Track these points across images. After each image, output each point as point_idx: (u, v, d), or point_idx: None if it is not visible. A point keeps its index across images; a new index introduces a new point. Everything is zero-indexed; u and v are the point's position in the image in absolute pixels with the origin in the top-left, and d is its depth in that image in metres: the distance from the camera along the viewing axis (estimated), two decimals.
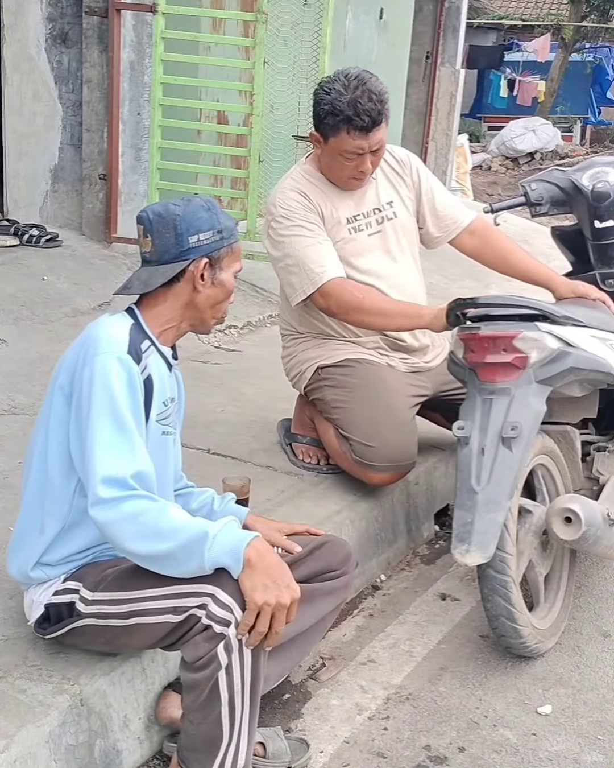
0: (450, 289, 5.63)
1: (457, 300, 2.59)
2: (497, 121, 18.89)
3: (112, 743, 1.98)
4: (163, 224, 1.92)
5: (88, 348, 1.87)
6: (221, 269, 1.98)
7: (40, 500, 1.96)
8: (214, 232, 1.94)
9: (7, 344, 3.99)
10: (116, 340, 1.87)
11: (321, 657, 2.55)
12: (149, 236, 1.94)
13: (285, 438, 3.25)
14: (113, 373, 1.82)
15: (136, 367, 1.87)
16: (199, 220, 1.93)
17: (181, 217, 1.92)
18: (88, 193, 5.46)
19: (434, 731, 2.29)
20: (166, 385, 2.00)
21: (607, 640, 2.70)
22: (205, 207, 1.96)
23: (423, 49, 8.58)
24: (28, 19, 5.36)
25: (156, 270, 1.94)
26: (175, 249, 1.93)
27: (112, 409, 1.81)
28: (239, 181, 5.58)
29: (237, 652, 1.77)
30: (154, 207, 1.96)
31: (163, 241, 1.93)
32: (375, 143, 2.76)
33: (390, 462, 2.84)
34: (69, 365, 1.91)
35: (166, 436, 2.03)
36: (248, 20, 5.27)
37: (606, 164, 3.10)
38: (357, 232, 2.94)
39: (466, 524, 2.36)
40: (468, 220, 3.08)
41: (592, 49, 21.95)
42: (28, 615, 2.01)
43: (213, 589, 1.77)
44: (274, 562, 1.79)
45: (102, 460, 1.77)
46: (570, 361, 2.47)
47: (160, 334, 1.99)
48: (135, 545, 1.76)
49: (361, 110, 2.68)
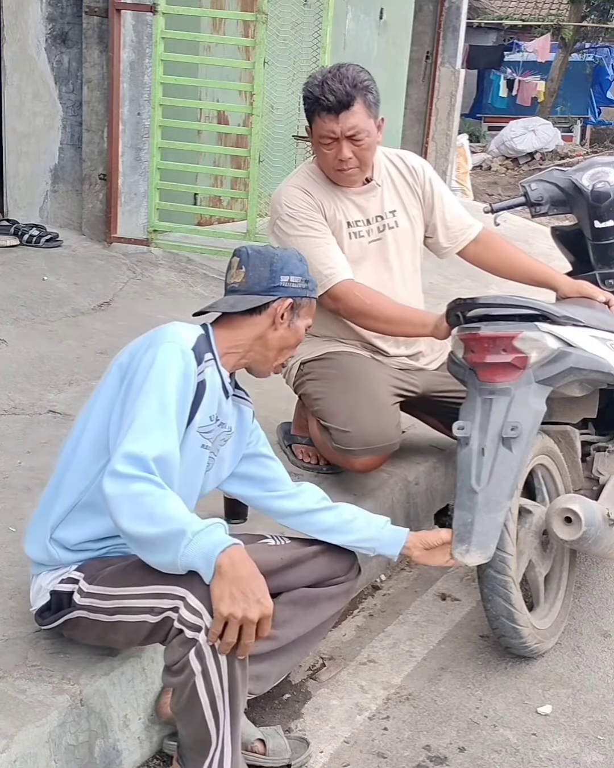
0: (450, 289, 5.63)
1: (457, 300, 2.58)
2: (497, 121, 18.92)
3: (112, 743, 1.98)
4: (260, 259, 2.04)
5: (155, 336, 1.93)
6: (299, 316, 2.08)
7: (64, 472, 1.97)
8: (303, 279, 2.07)
9: (7, 344, 3.99)
10: (185, 336, 1.94)
11: (321, 657, 2.56)
12: (244, 268, 2.04)
13: (284, 440, 3.25)
14: (173, 360, 1.87)
15: (195, 365, 1.92)
16: (292, 265, 2.06)
17: (278, 256, 2.05)
18: (88, 193, 5.46)
19: (434, 731, 2.29)
20: (216, 401, 2.01)
21: (607, 640, 2.70)
22: (299, 257, 2.10)
23: (423, 49, 8.58)
24: (28, 19, 5.36)
25: (244, 297, 2.03)
26: (267, 283, 2.03)
27: (160, 391, 1.83)
28: (239, 181, 5.59)
29: (211, 657, 1.74)
30: (252, 246, 2.09)
31: (257, 274, 2.04)
32: (348, 128, 2.72)
33: (367, 445, 2.82)
34: (133, 348, 1.96)
35: (204, 449, 2.02)
36: (248, 20, 5.28)
37: (606, 164, 3.10)
38: (357, 237, 2.94)
39: (466, 524, 2.35)
40: (476, 231, 3.09)
41: (592, 49, 21.98)
42: (32, 602, 2.01)
43: (184, 592, 1.76)
44: (247, 573, 1.71)
45: (133, 434, 1.79)
46: (570, 361, 2.47)
47: (223, 354, 2.03)
48: (127, 523, 1.75)
49: (328, 89, 2.69)
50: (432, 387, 3.04)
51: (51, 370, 3.78)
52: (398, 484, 3.12)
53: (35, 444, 3.09)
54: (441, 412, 3.06)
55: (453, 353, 2.62)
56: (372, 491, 3.01)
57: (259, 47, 5.00)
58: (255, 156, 5.16)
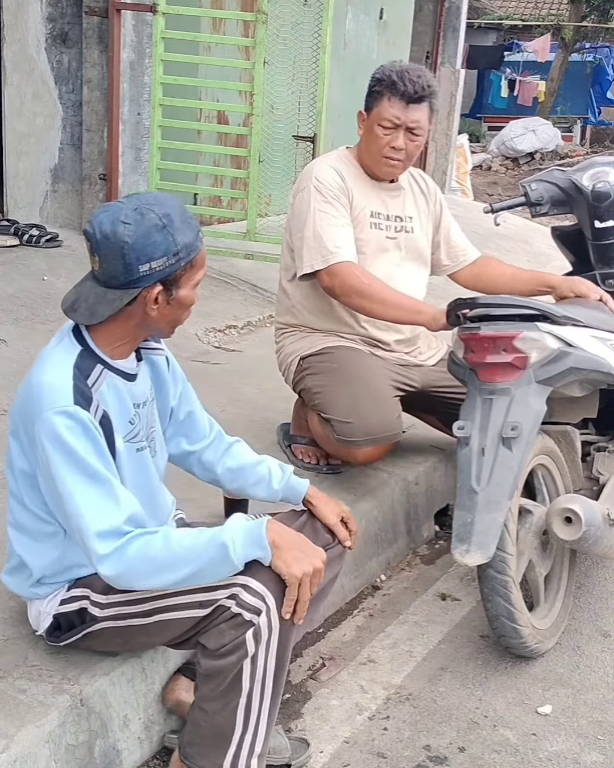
0: (450, 289, 5.62)
1: (457, 300, 2.58)
2: (497, 121, 18.92)
3: (112, 743, 1.98)
4: (110, 249, 1.73)
5: (34, 401, 1.76)
6: (179, 287, 1.81)
7: (28, 542, 1.92)
8: (168, 256, 1.75)
9: (7, 344, 3.99)
10: (59, 390, 1.75)
11: (321, 657, 2.55)
12: (96, 256, 1.76)
13: (284, 440, 3.25)
14: (64, 430, 1.72)
15: (87, 414, 1.76)
16: (151, 246, 1.73)
17: (129, 245, 1.71)
18: (88, 193, 5.46)
19: (434, 731, 2.29)
20: (127, 402, 1.90)
21: (607, 640, 2.70)
22: (160, 226, 1.73)
23: (423, 49, 8.59)
24: (28, 19, 5.36)
25: (103, 296, 1.78)
26: (124, 278, 1.75)
27: (78, 466, 1.73)
28: (239, 181, 5.59)
29: (265, 642, 1.77)
30: (102, 223, 1.74)
31: (111, 267, 1.75)
32: (412, 120, 2.83)
33: (369, 435, 2.82)
34: (20, 413, 1.83)
35: (141, 452, 1.96)
36: (248, 20, 5.28)
37: (606, 164, 3.10)
38: (377, 229, 2.99)
39: (466, 524, 2.35)
40: (476, 255, 3.22)
41: (592, 49, 21.98)
42: (35, 625, 1.99)
43: (245, 579, 1.78)
44: (293, 535, 1.83)
45: (90, 518, 1.72)
46: (570, 361, 2.47)
47: (112, 351, 1.87)
48: (158, 580, 1.75)
49: (406, 78, 2.79)
50: (431, 382, 3.05)
51: None
52: (398, 484, 3.12)
53: None
54: (440, 409, 3.07)
55: (454, 353, 2.62)
56: (373, 491, 3.01)
57: (259, 47, 5.00)
58: (255, 156, 5.16)
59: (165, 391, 2.06)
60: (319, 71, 5.02)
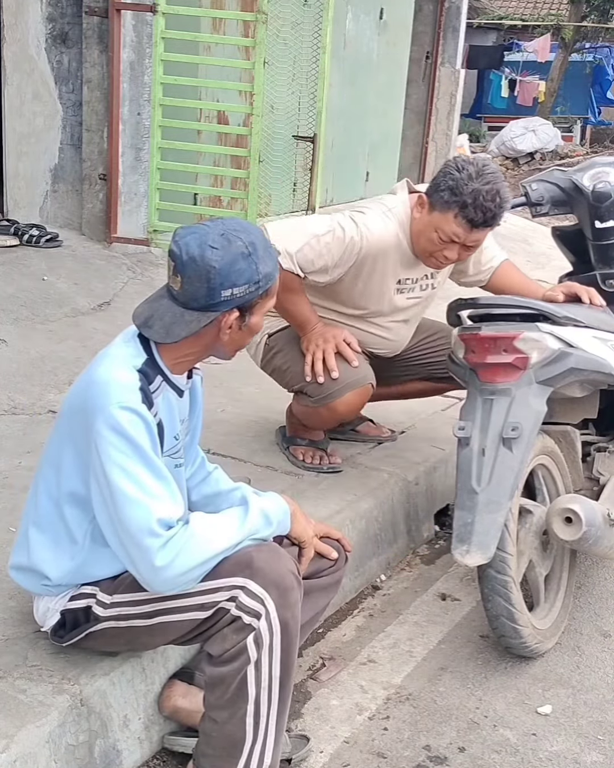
0: (449, 289, 5.62)
1: (458, 300, 2.58)
2: (497, 121, 18.89)
3: (112, 743, 1.98)
4: (195, 272, 1.76)
5: (98, 396, 1.77)
6: (252, 314, 1.86)
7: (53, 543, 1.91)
8: (250, 284, 1.79)
9: (7, 344, 3.99)
10: (127, 387, 1.77)
11: (321, 657, 2.55)
12: (179, 276, 1.78)
13: (283, 442, 3.25)
14: (129, 424, 1.74)
15: (150, 414, 1.78)
16: (236, 273, 1.77)
17: (216, 270, 1.75)
18: (88, 193, 5.46)
19: (434, 731, 2.29)
20: (175, 416, 1.93)
21: (607, 640, 2.70)
22: (245, 254, 1.78)
23: (423, 49, 8.59)
24: (28, 19, 5.36)
25: (181, 316, 1.80)
26: (205, 300, 1.78)
27: (141, 458, 1.75)
28: (239, 181, 5.58)
29: (267, 647, 1.77)
30: (189, 245, 1.77)
31: (194, 289, 1.77)
32: (473, 240, 2.74)
33: (340, 384, 2.83)
34: (77, 409, 1.83)
35: (179, 468, 1.99)
36: (248, 20, 5.27)
37: (606, 164, 3.10)
38: (400, 293, 2.96)
39: (466, 524, 2.36)
40: (500, 260, 3.11)
41: (592, 49, 21.95)
42: (41, 622, 1.99)
43: (244, 581, 1.78)
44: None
45: (152, 504, 1.74)
46: (570, 361, 2.47)
47: (173, 365, 1.89)
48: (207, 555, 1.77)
49: (479, 204, 2.63)
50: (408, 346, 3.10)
51: (51, 370, 3.78)
52: (398, 484, 3.12)
53: (35, 444, 3.09)
54: (427, 372, 3.12)
55: (454, 353, 2.62)
56: (373, 491, 3.01)
57: (259, 47, 5.00)
58: (255, 156, 5.16)
59: (197, 411, 2.10)
60: (319, 71, 5.03)
